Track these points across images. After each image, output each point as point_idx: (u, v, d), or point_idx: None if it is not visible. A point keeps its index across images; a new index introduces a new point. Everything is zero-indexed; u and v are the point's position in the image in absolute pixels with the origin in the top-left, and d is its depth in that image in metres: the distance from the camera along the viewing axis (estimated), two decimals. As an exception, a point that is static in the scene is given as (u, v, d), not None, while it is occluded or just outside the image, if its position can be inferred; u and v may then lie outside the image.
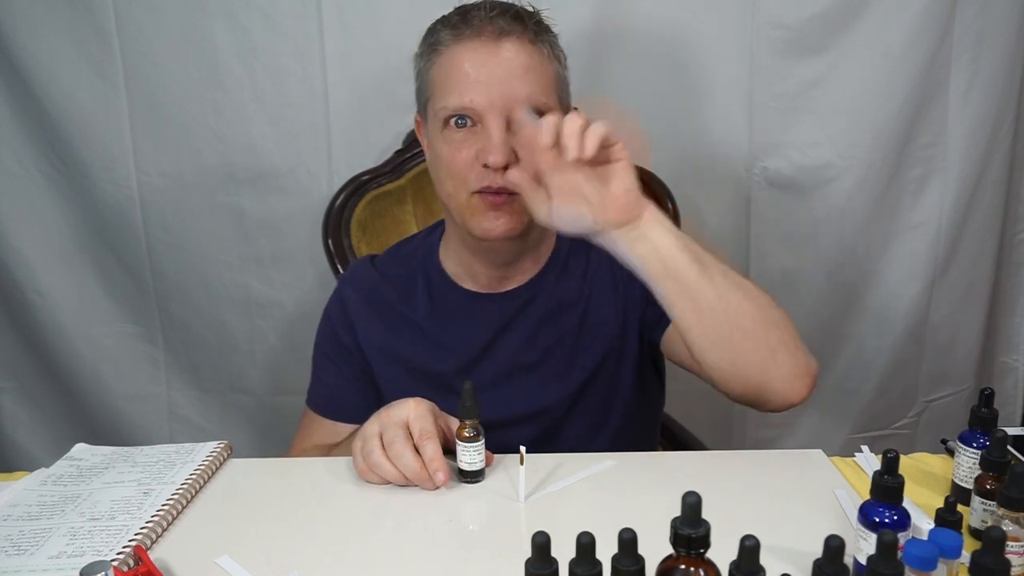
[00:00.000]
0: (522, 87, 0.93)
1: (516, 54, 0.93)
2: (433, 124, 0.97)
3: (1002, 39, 1.47)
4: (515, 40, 0.93)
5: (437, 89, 0.96)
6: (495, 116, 0.92)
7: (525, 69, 0.93)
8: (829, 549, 0.56)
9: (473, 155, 0.94)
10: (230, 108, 1.50)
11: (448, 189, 0.98)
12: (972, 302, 1.63)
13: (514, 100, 0.92)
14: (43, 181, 1.57)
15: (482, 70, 0.92)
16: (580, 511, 0.83)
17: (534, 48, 0.95)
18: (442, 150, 0.96)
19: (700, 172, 1.53)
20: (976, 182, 1.54)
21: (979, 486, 0.76)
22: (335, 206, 1.37)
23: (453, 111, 0.93)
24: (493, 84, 0.92)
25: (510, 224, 0.96)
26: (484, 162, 0.92)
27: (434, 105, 0.96)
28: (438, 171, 0.99)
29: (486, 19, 0.93)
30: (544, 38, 0.97)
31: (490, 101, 0.92)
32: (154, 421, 1.70)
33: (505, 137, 0.92)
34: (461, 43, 0.93)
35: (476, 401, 0.87)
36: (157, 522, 0.80)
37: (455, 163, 0.95)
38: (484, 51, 0.93)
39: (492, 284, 1.07)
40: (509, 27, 0.93)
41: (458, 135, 0.94)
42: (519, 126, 0.90)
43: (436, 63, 0.96)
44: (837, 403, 1.68)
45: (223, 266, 1.59)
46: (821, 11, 1.44)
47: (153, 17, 1.46)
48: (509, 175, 0.89)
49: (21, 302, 1.63)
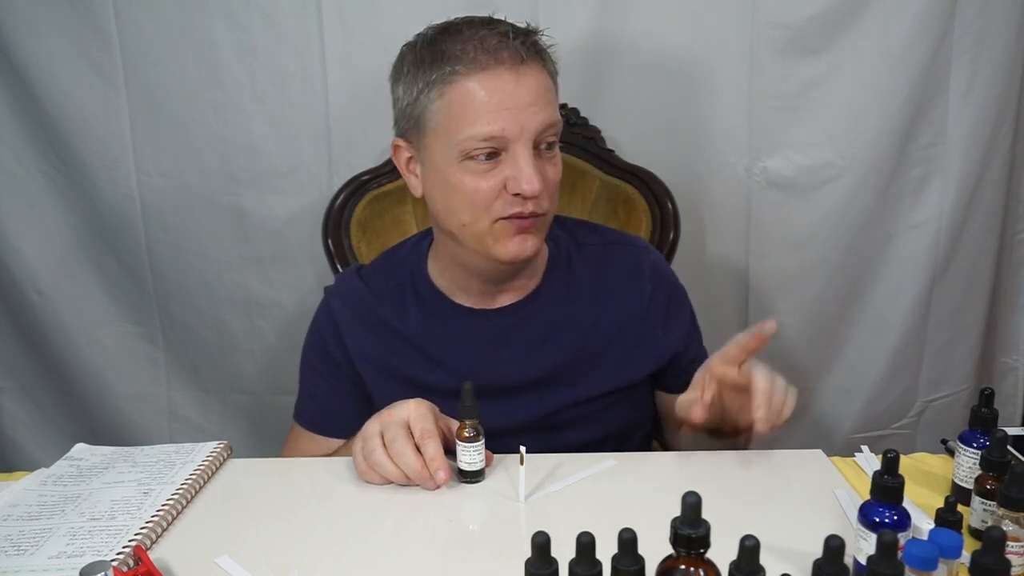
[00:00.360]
0: (544, 112, 0.92)
1: (536, 79, 0.92)
2: (444, 155, 0.93)
3: (1002, 39, 1.47)
4: (534, 64, 0.92)
5: (454, 121, 0.91)
6: (524, 144, 0.91)
7: (544, 92, 0.93)
8: (829, 549, 0.56)
9: (499, 184, 0.92)
10: (230, 108, 1.50)
11: (465, 219, 0.95)
12: (972, 302, 1.62)
13: (541, 126, 0.92)
14: (43, 181, 1.56)
15: (508, 99, 0.90)
16: (580, 511, 0.83)
17: (546, 71, 0.95)
18: (462, 181, 0.93)
19: (700, 172, 1.53)
20: (976, 182, 1.54)
21: (979, 486, 0.76)
22: (335, 206, 1.37)
23: (481, 140, 0.90)
24: (519, 111, 0.90)
25: (536, 244, 0.96)
26: (517, 191, 0.91)
27: (450, 136, 0.92)
28: (451, 200, 0.95)
29: (505, 45, 0.90)
30: (550, 60, 0.97)
31: (520, 128, 0.90)
32: (154, 421, 1.70)
33: (536, 165, 0.92)
34: (482, 72, 0.90)
35: (476, 401, 0.87)
36: (157, 522, 0.80)
37: (479, 193, 0.92)
38: (508, 78, 0.90)
39: (485, 299, 1.05)
40: (528, 52, 0.92)
41: (482, 167, 0.92)
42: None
43: (448, 93, 0.91)
44: (837, 403, 1.68)
45: (223, 266, 1.59)
46: (821, 11, 1.43)
47: (153, 17, 1.45)
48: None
49: (21, 302, 1.63)
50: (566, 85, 1.42)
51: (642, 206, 1.37)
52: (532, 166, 0.91)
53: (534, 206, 0.93)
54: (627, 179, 1.39)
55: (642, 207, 1.37)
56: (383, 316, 1.06)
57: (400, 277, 1.08)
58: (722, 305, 1.59)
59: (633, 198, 1.38)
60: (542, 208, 0.94)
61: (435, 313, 1.05)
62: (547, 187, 0.94)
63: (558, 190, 0.99)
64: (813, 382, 1.67)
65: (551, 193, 0.96)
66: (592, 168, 1.40)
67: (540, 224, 0.96)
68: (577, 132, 1.42)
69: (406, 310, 1.06)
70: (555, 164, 0.97)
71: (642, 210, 1.37)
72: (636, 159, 1.42)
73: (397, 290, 1.07)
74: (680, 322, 1.09)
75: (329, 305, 1.09)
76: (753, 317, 1.61)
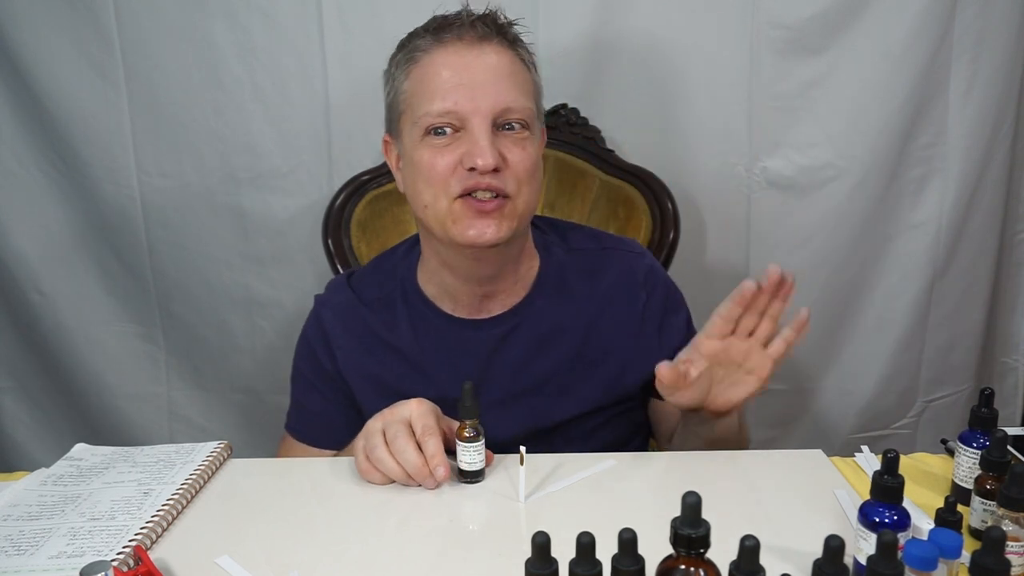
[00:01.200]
0: (506, 91, 0.92)
1: (498, 58, 0.93)
2: (411, 136, 0.95)
3: (1002, 39, 1.47)
4: (495, 45, 0.93)
5: (416, 97, 0.94)
6: (480, 119, 0.91)
7: (508, 73, 0.93)
8: (829, 549, 0.56)
9: (456, 159, 0.92)
10: (230, 108, 1.50)
11: (426, 199, 0.94)
12: (972, 302, 1.62)
13: (499, 103, 0.91)
14: (44, 181, 1.56)
15: (465, 73, 0.91)
16: (580, 511, 0.83)
17: (513, 54, 0.95)
18: (422, 157, 0.93)
19: (700, 172, 1.53)
20: (976, 182, 1.54)
21: (979, 486, 0.76)
22: (335, 206, 1.37)
23: (436, 115, 0.91)
24: (477, 87, 0.91)
25: (499, 231, 0.93)
26: (471, 165, 0.90)
27: (413, 114, 0.94)
28: (415, 182, 0.95)
29: (465, 25, 0.93)
30: (520, 45, 0.97)
31: (475, 105, 0.91)
32: (154, 421, 1.70)
33: (492, 140, 0.91)
34: (442, 47, 0.92)
35: (476, 401, 0.87)
36: (157, 522, 0.80)
37: (436, 168, 0.92)
38: (467, 54, 0.92)
39: (474, 308, 1.03)
40: (489, 32, 0.93)
41: (440, 141, 0.92)
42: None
43: (413, 72, 0.94)
44: (837, 403, 1.68)
45: (224, 266, 1.59)
46: (821, 11, 1.43)
47: (153, 17, 1.45)
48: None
49: (22, 302, 1.63)
50: (566, 85, 1.44)
51: (642, 206, 1.37)
52: (487, 139, 0.90)
53: (493, 180, 0.91)
54: (627, 179, 1.39)
55: (642, 207, 1.37)
56: (373, 328, 1.04)
57: (390, 287, 1.07)
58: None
59: (633, 198, 1.38)
60: (504, 186, 0.92)
61: (425, 324, 1.04)
62: (511, 166, 0.93)
63: (533, 178, 0.96)
64: (813, 382, 1.67)
65: (519, 175, 0.93)
66: (592, 168, 1.41)
67: (506, 210, 0.93)
68: (577, 132, 1.42)
69: (396, 321, 1.04)
70: (524, 147, 0.94)
71: (642, 210, 1.37)
72: (636, 159, 1.42)
73: (387, 300, 1.06)
74: (675, 328, 1.07)
75: (319, 316, 1.08)
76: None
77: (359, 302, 1.06)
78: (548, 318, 1.03)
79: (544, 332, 1.03)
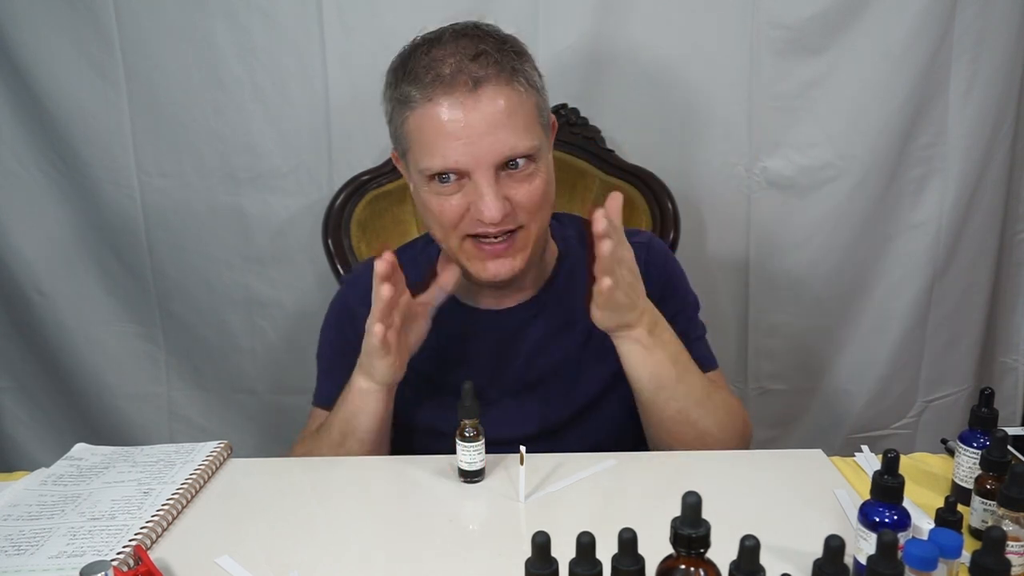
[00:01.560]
0: (506, 137, 0.89)
1: (494, 101, 0.88)
2: (416, 176, 0.95)
3: (1002, 39, 1.47)
4: (492, 87, 0.88)
5: (415, 146, 0.92)
6: (483, 171, 0.89)
7: (507, 115, 0.89)
8: (829, 549, 0.56)
9: (463, 206, 0.92)
10: (230, 108, 1.50)
11: (438, 235, 0.97)
12: (972, 302, 1.62)
13: (500, 152, 0.89)
14: (44, 181, 1.56)
15: (460, 127, 0.88)
16: (580, 511, 0.83)
17: (512, 90, 0.90)
18: (429, 201, 0.94)
19: (700, 172, 1.53)
20: (976, 182, 1.54)
21: (979, 486, 0.76)
22: (335, 206, 1.37)
23: (438, 170, 0.91)
24: (474, 141, 0.88)
25: (514, 264, 0.95)
26: (478, 217, 0.91)
27: (415, 162, 0.93)
28: (425, 216, 0.97)
29: (457, 67, 0.88)
30: (520, 70, 0.92)
31: (476, 158, 0.89)
32: (154, 421, 1.70)
33: (497, 190, 0.90)
34: (434, 100, 0.88)
35: (476, 401, 0.87)
36: (157, 522, 0.80)
37: (445, 215, 0.93)
38: (460, 107, 0.88)
39: (493, 300, 1.06)
40: (483, 72, 0.88)
41: (446, 188, 0.92)
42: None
43: (409, 119, 0.92)
44: (837, 403, 1.67)
45: (224, 265, 1.59)
46: (821, 11, 1.43)
47: (154, 17, 1.45)
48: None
49: (22, 302, 1.63)
50: (566, 85, 1.44)
51: (642, 206, 1.37)
52: (492, 194, 0.89)
53: (502, 226, 0.92)
54: (627, 179, 1.39)
55: (642, 207, 1.37)
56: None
57: (411, 275, 1.07)
58: (722, 305, 1.59)
59: (633, 198, 1.38)
60: (516, 225, 0.93)
61: (444, 313, 1.04)
62: (519, 205, 0.92)
63: (544, 202, 0.96)
64: (813, 382, 1.67)
65: (529, 209, 0.94)
66: (592, 168, 1.41)
67: (518, 243, 0.95)
68: (577, 132, 1.42)
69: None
70: (531, 180, 0.93)
71: (642, 210, 1.37)
72: (636, 159, 1.42)
73: (412, 287, 1.07)
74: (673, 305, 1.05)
75: (345, 295, 1.11)
76: (753, 317, 1.61)
77: None
78: (563, 309, 1.06)
79: (558, 323, 1.05)
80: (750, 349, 1.63)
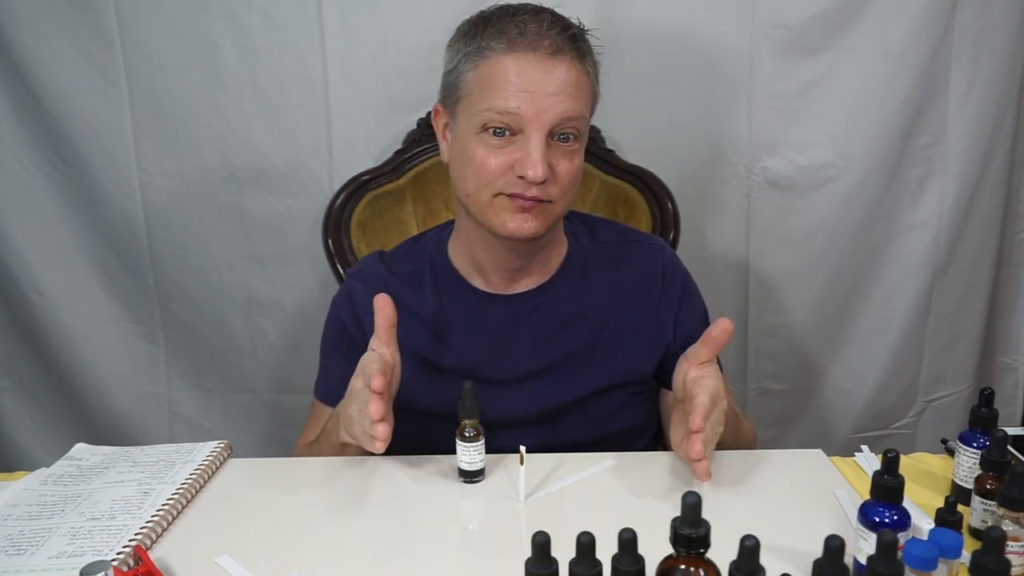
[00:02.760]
0: (568, 105, 0.94)
1: (567, 72, 0.94)
2: (467, 125, 0.97)
3: (1002, 39, 1.47)
4: (567, 59, 0.94)
5: (480, 89, 0.95)
6: (538, 128, 0.93)
7: (573, 85, 0.94)
8: (829, 549, 0.56)
9: (508, 163, 0.94)
10: (231, 108, 1.50)
11: (470, 188, 0.98)
12: (972, 302, 1.62)
13: (559, 115, 0.93)
14: (44, 181, 1.56)
15: (532, 82, 0.92)
16: (580, 511, 0.83)
17: (582, 68, 0.96)
18: (475, 151, 0.96)
19: (700, 172, 1.53)
20: (976, 182, 1.54)
21: (979, 486, 0.76)
22: (335, 206, 1.37)
23: (498, 114, 0.93)
24: (541, 97, 0.92)
25: (537, 226, 0.97)
26: (522, 174, 0.93)
27: (473, 106, 0.95)
28: (463, 168, 0.98)
29: (542, 33, 0.93)
30: (590, 59, 0.98)
31: (537, 113, 0.92)
32: (154, 421, 1.70)
33: (546, 153, 0.93)
34: (515, 53, 0.93)
35: (476, 401, 0.87)
36: (157, 522, 0.80)
37: (487, 167, 0.95)
38: (538, 65, 0.92)
39: (501, 284, 1.07)
40: (564, 45, 0.94)
41: (496, 141, 0.94)
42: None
43: (481, 66, 0.95)
44: (837, 403, 1.68)
45: (224, 265, 1.59)
46: (821, 11, 1.43)
47: (154, 17, 1.45)
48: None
49: (21, 301, 1.63)
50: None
51: (642, 206, 1.37)
52: (541, 152, 0.93)
53: (538, 191, 0.94)
54: (627, 179, 1.39)
55: (642, 207, 1.37)
56: (399, 297, 1.03)
57: (420, 262, 1.11)
58: (722, 305, 1.59)
59: (633, 198, 1.38)
60: (548, 195, 0.96)
61: (451, 295, 1.07)
62: (557, 177, 0.96)
63: (575, 184, 1.00)
64: (813, 382, 1.67)
65: (563, 185, 0.97)
66: (592, 168, 1.40)
67: (545, 210, 0.97)
68: (577, 132, 1.42)
69: (422, 292, 1.08)
70: (572, 158, 0.97)
71: (642, 210, 1.37)
72: (636, 159, 1.42)
73: (416, 273, 1.10)
74: (690, 317, 1.10)
75: (348, 287, 1.12)
76: (753, 317, 1.61)
77: (388, 273, 1.10)
78: (570, 301, 1.07)
79: (566, 314, 1.06)
80: (750, 349, 1.63)
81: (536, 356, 1.05)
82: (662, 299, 1.08)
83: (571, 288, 1.07)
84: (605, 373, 1.05)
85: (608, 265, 1.09)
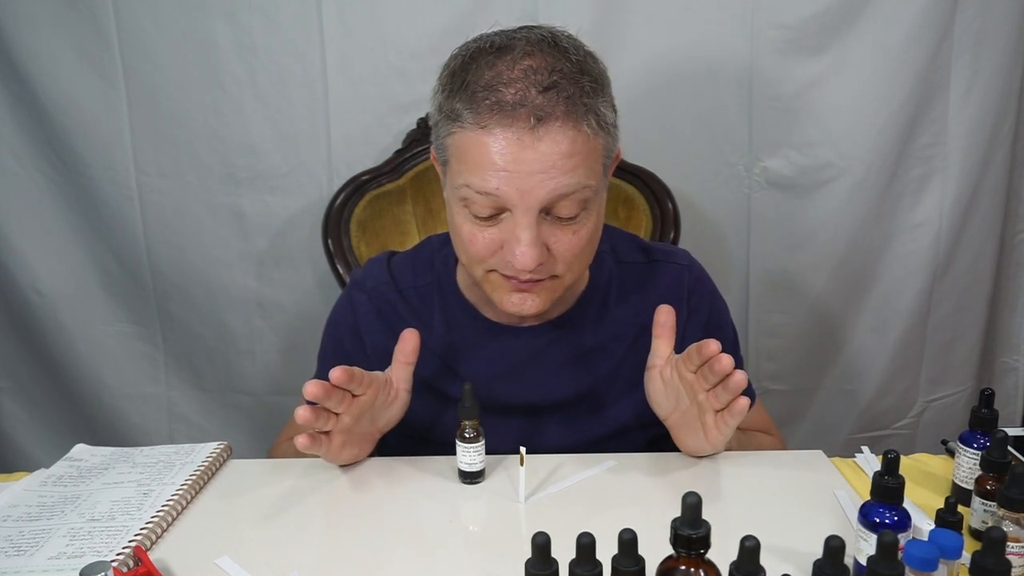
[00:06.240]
0: (559, 180, 0.80)
1: (555, 142, 0.78)
2: (451, 190, 0.86)
3: (1002, 39, 1.47)
4: (557, 125, 0.78)
5: (457, 163, 0.83)
6: (525, 211, 0.80)
7: (565, 157, 0.79)
8: (829, 549, 0.56)
9: (496, 242, 0.84)
10: (230, 108, 1.50)
11: (462, 259, 0.90)
12: (972, 302, 1.62)
13: (550, 193, 0.80)
14: (43, 181, 1.56)
15: (510, 160, 0.78)
16: (580, 511, 0.83)
17: (578, 132, 0.80)
18: (462, 226, 0.85)
19: (700, 172, 1.53)
20: (976, 182, 1.54)
21: (979, 487, 0.76)
22: (335, 206, 1.37)
23: (476, 192, 0.81)
24: (523, 176, 0.78)
25: (540, 303, 0.88)
26: (511, 260, 0.82)
27: (453, 176, 0.84)
28: (453, 235, 0.89)
29: (521, 97, 0.78)
30: (593, 108, 0.81)
31: (520, 193, 0.79)
32: (154, 421, 1.70)
33: (536, 235, 0.81)
34: (488, 129, 0.78)
35: (476, 401, 0.87)
36: (157, 523, 0.80)
37: (474, 244, 0.85)
38: (516, 144, 0.78)
39: (515, 317, 0.97)
40: (550, 109, 0.78)
41: (480, 219, 0.84)
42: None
43: (457, 135, 0.82)
44: (837, 403, 1.68)
45: (223, 266, 1.59)
46: (821, 11, 1.43)
47: (153, 17, 1.45)
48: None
49: (21, 302, 1.63)
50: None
51: (642, 206, 1.37)
52: (530, 236, 0.81)
53: (534, 274, 0.84)
54: (627, 179, 1.39)
55: (642, 207, 1.37)
56: (406, 317, 1.00)
57: (428, 278, 1.02)
58: (722, 305, 1.59)
59: (633, 198, 1.38)
60: (548, 275, 0.86)
61: (461, 324, 1.00)
62: (559, 256, 0.85)
63: (588, 249, 0.88)
64: (813, 382, 1.67)
65: (566, 260, 0.86)
66: (592, 168, 1.40)
67: (548, 286, 0.88)
68: (577, 132, 1.42)
69: (431, 315, 1.01)
70: (576, 231, 0.84)
71: (642, 210, 1.37)
72: (636, 159, 1.42)
73: (425, 291, 1.02)
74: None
75: (352, 299, 1.04)
76: (753, 317, 1.61)
77: (395, 288, 1.02)
78: (590, 335, 0.99)
79: (584, 348, 0.99)
80: (750, 349, 1.63)
81: (550, 391, 0.98)
82: (687, 328, 0.99)
83: (591, 321, 0.99)
84: (626, 410, 0.99)
85: (631, 290, 1.00)
